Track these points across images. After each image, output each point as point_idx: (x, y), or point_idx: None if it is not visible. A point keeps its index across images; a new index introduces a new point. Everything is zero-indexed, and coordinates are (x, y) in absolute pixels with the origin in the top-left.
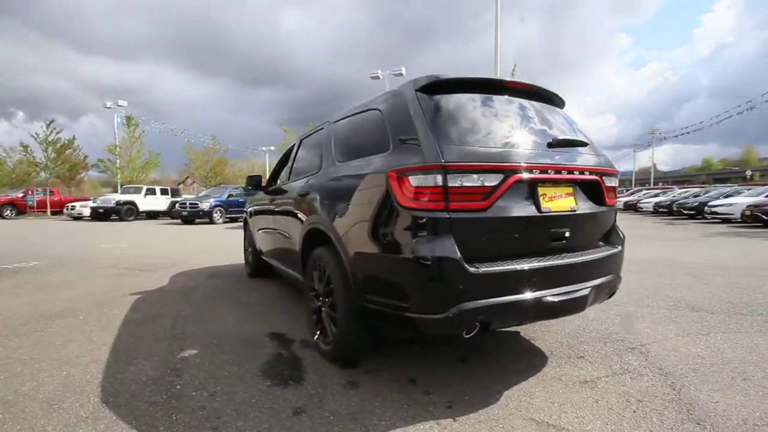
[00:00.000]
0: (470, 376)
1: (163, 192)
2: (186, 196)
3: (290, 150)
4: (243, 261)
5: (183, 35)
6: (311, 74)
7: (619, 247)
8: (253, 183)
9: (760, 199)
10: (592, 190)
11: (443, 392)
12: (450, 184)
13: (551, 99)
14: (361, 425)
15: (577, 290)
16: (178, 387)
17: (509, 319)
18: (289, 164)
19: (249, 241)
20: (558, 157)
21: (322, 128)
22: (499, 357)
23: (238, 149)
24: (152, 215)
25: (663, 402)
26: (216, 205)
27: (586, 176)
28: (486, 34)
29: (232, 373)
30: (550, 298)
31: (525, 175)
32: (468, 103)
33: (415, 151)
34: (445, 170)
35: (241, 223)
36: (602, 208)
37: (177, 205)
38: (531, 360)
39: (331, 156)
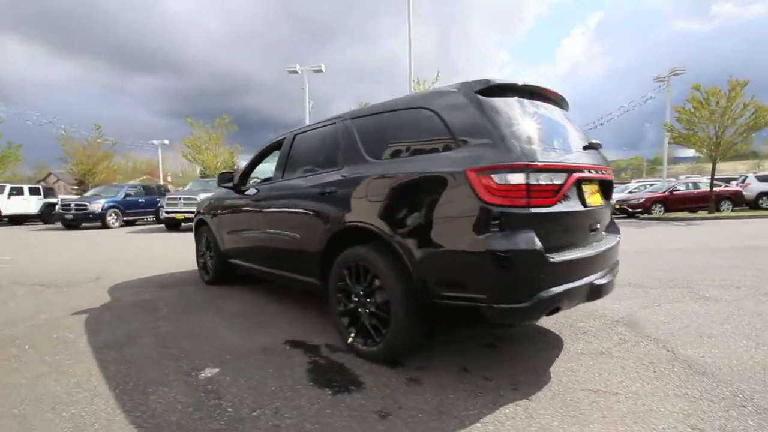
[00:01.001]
0: (509, 360)
1: (33, 191)
2: (65, 197)
3: (272, 147)
4: (185, 269)
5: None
6: (202, 64)
7: (620, 236)
8: (226, 180)
9: (625, 195)
10: (606, 186)
11: (499, 377)
12: (531, 182)
13: (564, 106)
14: (454, 417)
15: (609, 273)
16: (230, 410)
17: (571, 303)
18: (282, 161)
19: (207, 245)
20: (591, 159)
21: (332, 123)
22: (521, 340)
23: (123, 143)
24: (17, 220)
25: (668, 362)
26: (110, 207)
27: (606, 175)
28: (385, 38)
29: (281, 387)
30: (597, 282)
31: (579, 175)
32: (519, 106)
33: (489, 151)
34: (529, 169)
35: (145, 227)
36: (610, 202)
37: (59, 207)
38: (548, 340)
39: (358, 153)
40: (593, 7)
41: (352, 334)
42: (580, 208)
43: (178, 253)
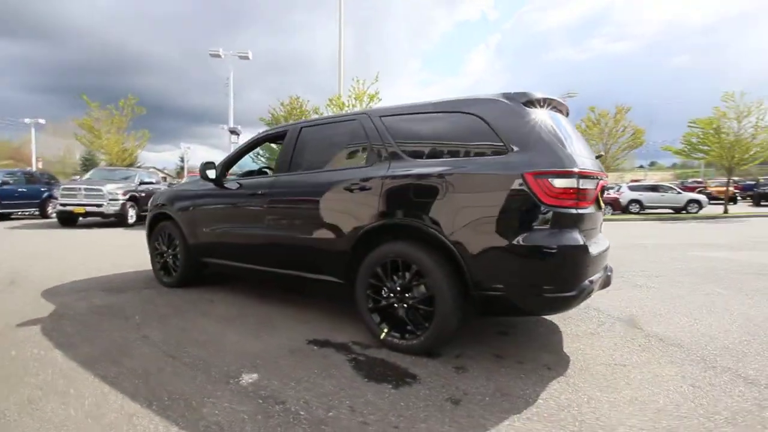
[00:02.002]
0: (527, 344)
1: None
2: None
3: (263, 140)
4: (117, 270)
5: None
6: (85, 34)
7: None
8: (206, 171)
9: None
10: (602, 191)
11: (528, 360)
12: (579, 186)
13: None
14: (518, 397)
15: (608, 266)
16: (302, 413)
17: (595, 291)
18: (286, 154)
19: (170, 244)
20: (600, 166)
21: (353, 119)
22: (526, 327)
23: None
24: None
25: (644, 337)
26: None
27: (606, 181)
28: (298, 32)
29: (339, 386)
30: (608, 273)
31: (602, 182)
32: (552, 117)
33: (542, 156)
34: (579, 175)
35: (28, 221)
36: None
37: None
38: (545, 325)
39: (392, 151)
40: (493, 29)
41: (385, 330)
42: (596, 210)
43: (91, 251)
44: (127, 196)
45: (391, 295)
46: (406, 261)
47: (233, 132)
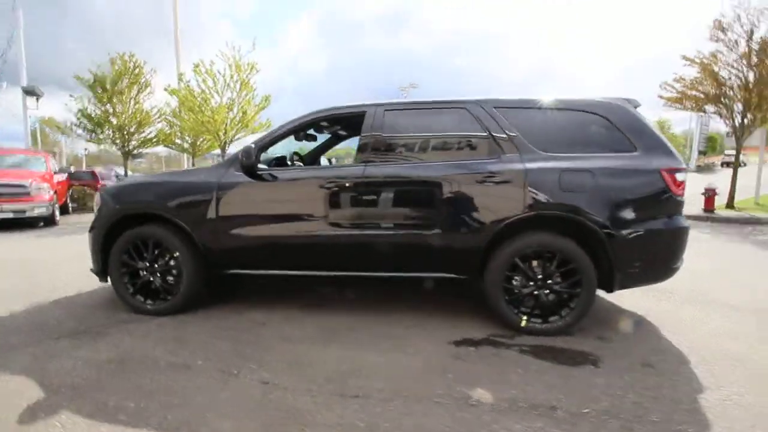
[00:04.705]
0: (605, 308)
1: None
2: None
3: (328, 118)
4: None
5: None
6: None
7: None
8: (245, 158)
9: None
10: None
11: (614, 334)
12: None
13: None
14: (672, 352)
15: None
16: (584, 410)
17: None
18: (374, 140)
19: (156, 256)
20: None
21: (460, 108)
22: None
23: None
24: None
25: (650, 290)
26: None
27: None
28: None
29: (563, 378)
30: None
31: None
32: None
33: (666, 155)
34: (685, 171)
35: None
36: None
37: None
38: None
39: (522, 143)
40: (312, 2)
41: (524, 318)
42: None
43: None
44: None
45: (530, 283)
46: (552, 250)
47: (30, 93)
